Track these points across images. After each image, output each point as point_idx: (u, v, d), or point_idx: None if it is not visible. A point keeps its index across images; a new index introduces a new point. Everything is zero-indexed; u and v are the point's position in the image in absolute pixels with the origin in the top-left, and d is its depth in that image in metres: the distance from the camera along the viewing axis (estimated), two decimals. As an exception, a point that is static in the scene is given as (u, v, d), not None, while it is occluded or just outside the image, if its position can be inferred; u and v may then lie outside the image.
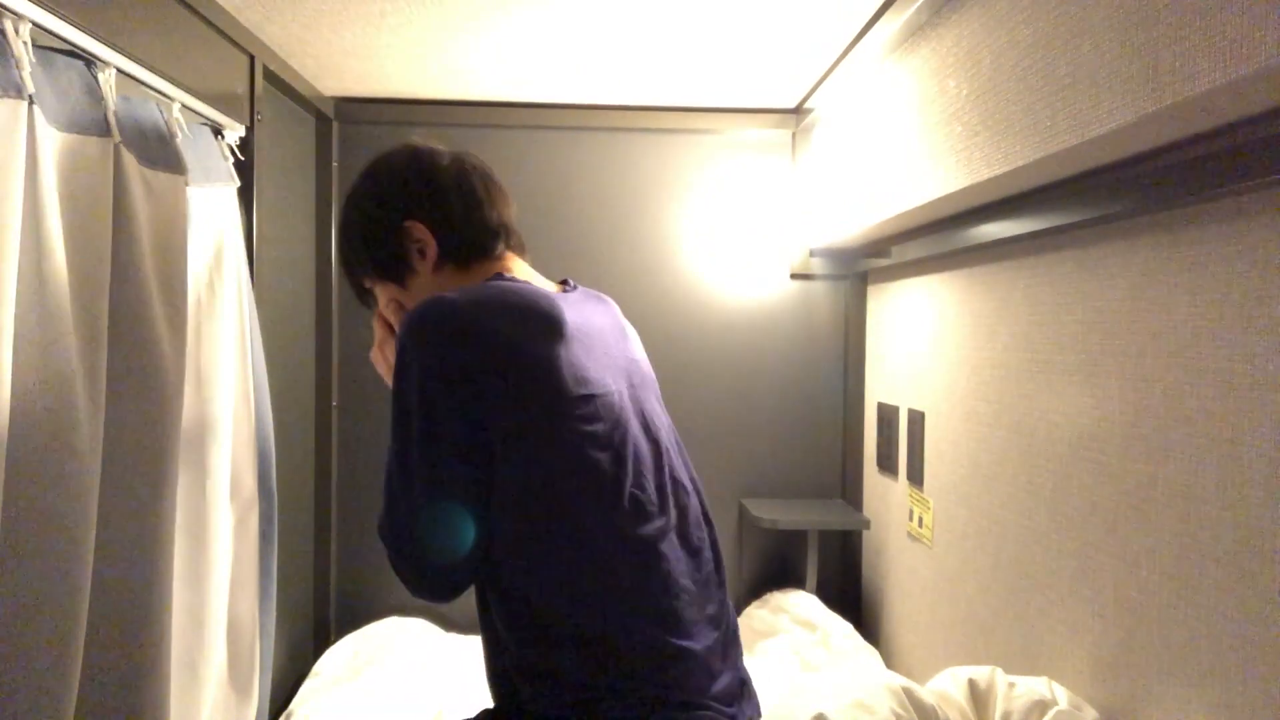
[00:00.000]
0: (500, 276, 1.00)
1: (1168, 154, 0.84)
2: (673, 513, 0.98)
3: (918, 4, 1.39)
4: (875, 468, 2.01)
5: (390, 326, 1.11)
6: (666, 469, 1.00)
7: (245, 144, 1.53)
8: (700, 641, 0.93)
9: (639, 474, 0.94)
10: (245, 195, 1.54)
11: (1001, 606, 1.34)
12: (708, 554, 1.02)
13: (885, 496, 1.94)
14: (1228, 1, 0.79)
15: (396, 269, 1.04)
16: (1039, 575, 1.22)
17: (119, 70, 1.10)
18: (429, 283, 1.03)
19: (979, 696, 1.11)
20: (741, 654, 1.04)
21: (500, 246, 1.06)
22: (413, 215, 1.02)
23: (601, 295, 1.16)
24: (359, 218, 1.06)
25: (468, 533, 0.89)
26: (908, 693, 1.06)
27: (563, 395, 0.89)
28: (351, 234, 1.07)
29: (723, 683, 0.95)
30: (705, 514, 1.06)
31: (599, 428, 0.91)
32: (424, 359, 0.87)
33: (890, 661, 1.84)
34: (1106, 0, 0.97)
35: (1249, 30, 0.77)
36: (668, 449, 1.03)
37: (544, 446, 0.88)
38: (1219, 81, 0.80)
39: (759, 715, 1.01)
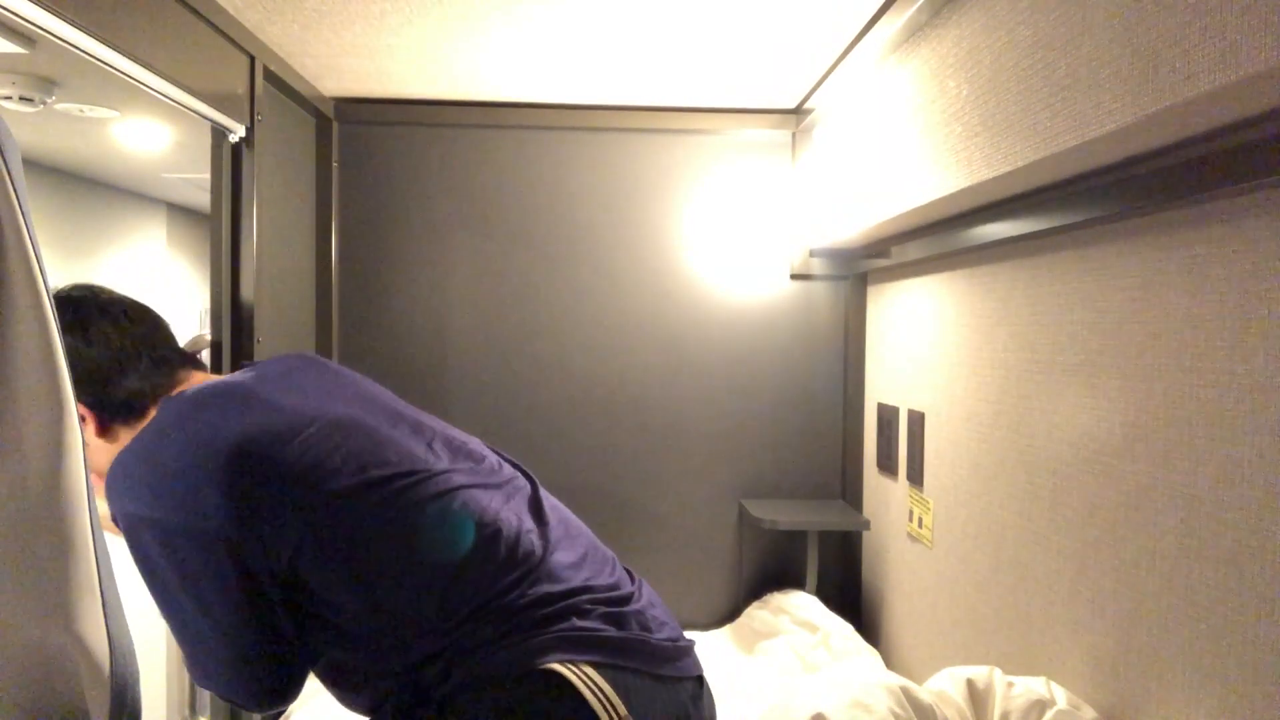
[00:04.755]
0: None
1: (1168, 154, 0.84)
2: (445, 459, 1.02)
3: (918, 4, 1.39)
4: (875, 468, 2.01)
5: None
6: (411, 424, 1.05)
7: (245, 144, 1.53)
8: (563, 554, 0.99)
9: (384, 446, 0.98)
10: (245, 195, 1.54)
11: (1001, 606, 1.34)
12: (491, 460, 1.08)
13: (885, 497, 1.94)
14: (1228, 1, 0.79)
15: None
16: (1039, 576, 1.22)
17: (119, 70, 1.09)
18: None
19: (977, 696, 1.11)
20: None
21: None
22: None
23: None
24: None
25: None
26: (906, 692, 1.06)
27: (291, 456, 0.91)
28: None
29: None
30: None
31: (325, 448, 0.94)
32: (149, 505, 0.87)
33: (890, 662, 1.84)
34: (1106, 1, 0.97)
35: (1249, 30, 0.77)
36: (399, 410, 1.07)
37: (318, 508, 0.90)
38: (1219, 82, 0.80)
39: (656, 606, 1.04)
